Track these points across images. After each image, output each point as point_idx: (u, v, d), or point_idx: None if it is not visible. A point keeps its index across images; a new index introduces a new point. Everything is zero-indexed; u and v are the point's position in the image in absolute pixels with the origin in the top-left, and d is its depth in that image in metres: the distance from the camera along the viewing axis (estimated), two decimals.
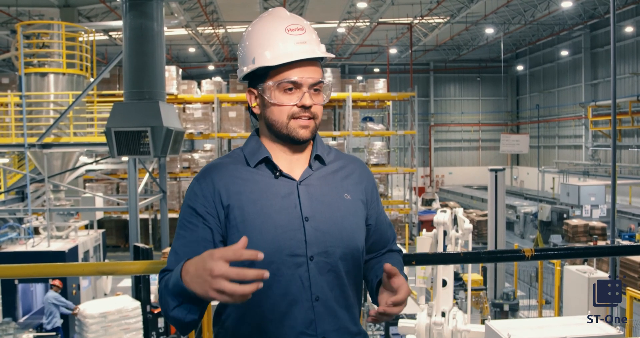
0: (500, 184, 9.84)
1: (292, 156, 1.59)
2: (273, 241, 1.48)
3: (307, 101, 1.52)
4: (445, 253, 3.07)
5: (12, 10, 18.27)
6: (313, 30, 1.56)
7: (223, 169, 1.57)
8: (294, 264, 1.49)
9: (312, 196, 1.55)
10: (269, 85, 1.52)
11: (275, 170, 1.56)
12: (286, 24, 1.52)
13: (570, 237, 18.75)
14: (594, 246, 11.52)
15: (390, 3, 21.32)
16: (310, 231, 1.51)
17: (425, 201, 26.94)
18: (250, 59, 1.54)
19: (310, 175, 1.58)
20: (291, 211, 1.52)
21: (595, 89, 28.68)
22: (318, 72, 1.55)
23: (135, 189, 10.37)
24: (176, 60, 30.35)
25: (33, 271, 2.61)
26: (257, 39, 1.53)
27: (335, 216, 1.56)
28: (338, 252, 1.54)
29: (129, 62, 9.91)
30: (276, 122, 1.54)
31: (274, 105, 1.53)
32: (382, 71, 33.96)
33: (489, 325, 5.07)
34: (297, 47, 1.50)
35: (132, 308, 8.51)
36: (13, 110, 11.14)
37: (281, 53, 1.49)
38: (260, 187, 1.54)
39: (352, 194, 1.62)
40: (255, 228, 1.49)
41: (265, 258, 1.42)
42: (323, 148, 1.65)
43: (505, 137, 18.56)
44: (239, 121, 18.06)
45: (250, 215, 1.50)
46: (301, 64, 1.51)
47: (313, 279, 1.50)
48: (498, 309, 9.84)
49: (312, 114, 1.54)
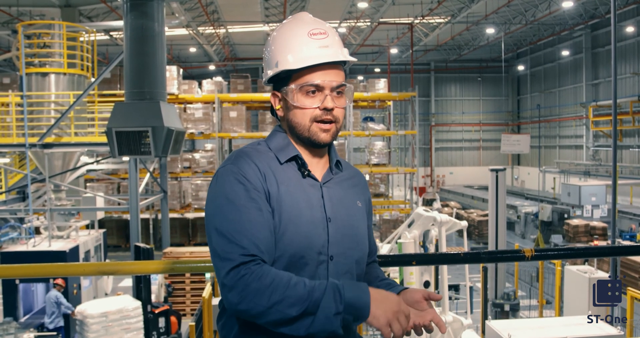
0: (501, 184, 9.84)
1: (312, 159, 1.62)
2: (306, 236, 1.51)
3: (329, 104, 1.54)
4: (446, 253, 3.07)
5: (13, 10, 18.29)
6: (336, 33, 1.59)
7: (261, 156, 1.57)
8: (317, 261, 1.53)
9: (332, 198, 1.60)
10: (291, 88, 1.55)
11: (304, 169, 1.58)
12: (309, 29, 1.55)
13: (571, 237, 18.75)
14: (594, 246, 11.52)
15: (391, 3, 21.32)
16: (332, 232, 1.55)
17: (426, 201, 26.93)
18: (274, 63, 1.57)
19: (331, 179, 1.63)
20: (318, 209, 1.55)
21: (596, 89, 28.66)
22: (340, 75, 1.58)
23: (136, 189, 10.38)
24: (177, 60, 30.36)
25: (34, 271, 2.62)
26: (281, 43, 1.57)
27: (352, 221, 1.62)
28: (354, 255, 1.60)
29: (130, 63, 9.91)
30: (298, 125, 1.57)
31: (296, 108, 1.56)
32: (382, 71, 33.96)
33: (490, 325, 5.08)
34: (320, 51, 1.53)
35: (132, 308, 8.51)
36: (14, 110, 11.15)
37: (303, 56, 1.53)
38: (294, 182, 1.56)
39: (361, 203, 1.70)
40: (291, 220, 1.51)
41: (296, 251, 1.49)
42: (336, 155, 1.69)
43: (506, 137, 18.55)
44: (240, 121, 18.06)
45: (287, 206, 1.52)
46: (323, 67, 1.54)
47: (331, 278, 1.53)
48: (498, 309, 9.83)
49: (333, 117, 1.56)
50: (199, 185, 18.61)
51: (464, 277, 5.49)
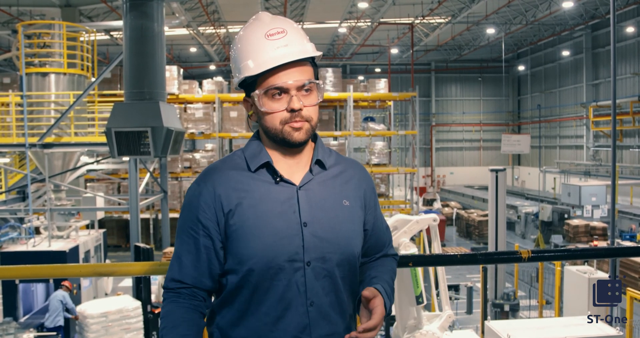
0: (501, 184, 9.83)
1: (292, 160, 1.58)
2: (272, 247, 1.49)
3: (295, 105, 1.49)
4: (443, 255, 3.07)
5: (13, 10, 18.29)
6: (298, 29, 1.54)
7: (224, 173, 1.56)
8: (292, 269, 1.50)
9: (311, 201, 1.55)
10: (257, 93, 1.52)
11: (276, 175, 1.55)
12: (266, 30, 1.51)
13: (571, 237, 18.75)
14: (592, 247, 11.50)
15: (391, 3, 21.32)
16: (308, 236, 1.51)
17: (427, 201, 26.95)
18: (237, 70, 1.55)
19: (311, 180, 1.58)
20: (290, 216, 1.51)
21: (597, 90, 28.66)
22: (306, 72, 1.52)
23: (136, 189, 10.38)
24: (177, 60, 30.37)
25: (35, 273, 2.61)
26: (241, 49, 1.54)
27: (333, 223, 1.55)
28: (335, 258, 1.54)
29: (130, 63, 9.91)
30: (270, 129, 1.54)
31: (265, 113, 1.53)
32: (383, 71, 33.96)
33: (489, 325, 5.08)
34: (278, 52, 1.48)
35: (132, 308, 8.52)
36: (14, 110, 11.14)
37: (262, 61, 1.48)
38: (261, 192, 1.53)
39: (350, 200, 1.62)
40: (254, 234, 1.49)
41: (263, 263, 1.48)
42: (324, 152, 1.63)
43: (506, 137, 18.57)
44: (240, 121, 18.07)
45: (250, 220, 1.50)
46: (285, 68, 1.49)
47: (309, 284, 1.51)
48: (498, 309, 9.83)
49: (303, 117, 1.52)
50: None
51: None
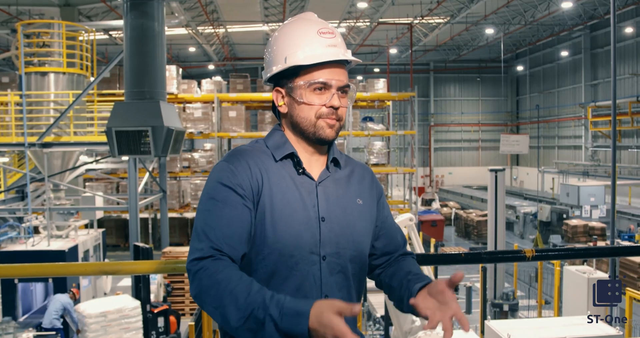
0: (500, 184, 9.85)
1: (312, 156, 1.62)
2: (297, 235, 1.51)
3: (336, 102, 1.55)
4: (446, 254, 3.07)
5: (12, 9, 18.27)
6: (340, 35, 1.61)
7: (255, 155, 1.58)
8: (310, 261, 1.52)
9: (328, 197, 1.58)
10: (299, 84, 1.55)
11: (299, 167, 1.59)
12: (318, 27, 1.58)
13: (570, 237, 18.77)
14: (594, 246, 11.53)
15: (390, 3, 21.32)
16: (325, 231, 1.54)
17: (425, 201, 26.99)
18: (281, 59, 1.57)
19: (327, 177, 1.62)
20: (310, 209, 1.55)
21: (595, 90, 28.69)
22: (346, 75, 1.59)
23: (135, 188, 10.38)
24: (176, 59, 30.34)
25: (34, 271, 2.61)
26: (290, 40, 1.57)
27: (348, 220, 1.59)
28: (348, 254, 1.58)
29: (130, 62, 9.91)
30: (304, 120, 1.57)
31: (303, 104, 1.56)
32: (382, 71, 33.96)
33: (489, 325, 5.08)
34: (328, 50, 1.55)
35: (132, 307, 8.50)
36: (13, 109, 11.14)
37: (314, 54, 1.54)
38: (287, 180, 1.56)
39: (364, 200, 1.66)
40: (282, 219, 1.51)
41: (287, 251, 1.49)
42: (338, 153, 1.68)
43: (505, 137, 18.58)
44: (239, 121, 18.07)
45: (279, 205, 1.52)
46: (331, 66, 1.55)
47: (324, 278, 1.54)
48: (498, 309, 9.85)
49: (337, 116, 1.57)
50: (198, 185, 18.60)
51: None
